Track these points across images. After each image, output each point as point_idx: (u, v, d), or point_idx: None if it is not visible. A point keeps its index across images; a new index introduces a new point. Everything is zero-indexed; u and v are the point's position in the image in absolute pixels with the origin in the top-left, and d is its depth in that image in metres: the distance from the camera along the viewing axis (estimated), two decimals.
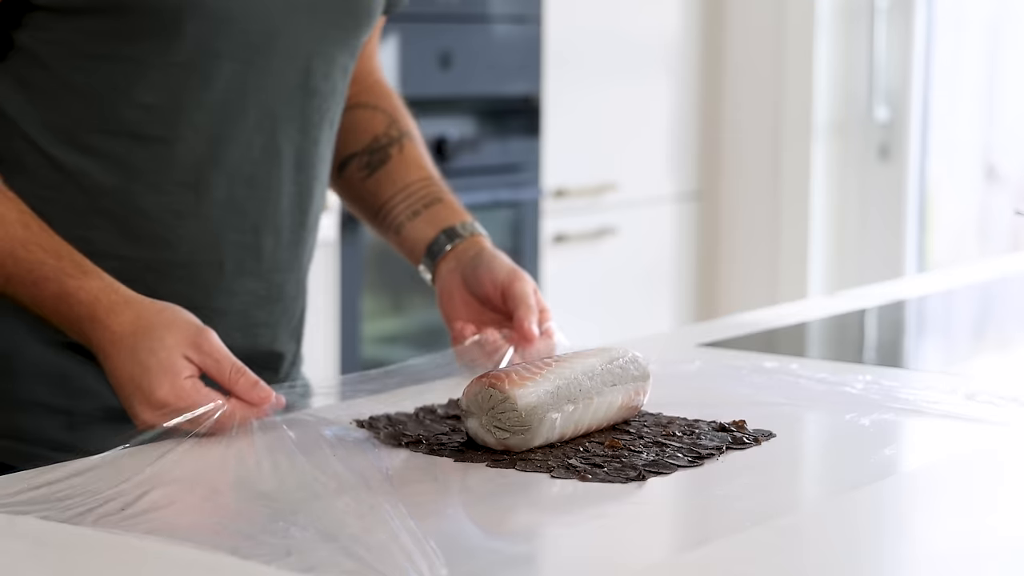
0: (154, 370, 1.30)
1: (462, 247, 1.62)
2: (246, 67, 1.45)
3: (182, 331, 1.32)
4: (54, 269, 1.35)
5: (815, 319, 2.03)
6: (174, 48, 1.41)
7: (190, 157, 1.45)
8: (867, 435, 1.38)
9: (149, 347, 1.31)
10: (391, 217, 1.66)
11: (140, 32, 1.41)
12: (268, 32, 1.46)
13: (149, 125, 1.43)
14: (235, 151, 1.47)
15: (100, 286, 1.35)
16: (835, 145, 4.22)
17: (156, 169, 1.44)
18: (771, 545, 1.08)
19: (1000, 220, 4.26)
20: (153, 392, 1.29)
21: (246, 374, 1.32)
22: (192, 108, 1.44)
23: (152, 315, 1.33)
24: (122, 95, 1.43)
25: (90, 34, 1.41)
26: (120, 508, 1.14)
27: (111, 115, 1.43)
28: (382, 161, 1.67)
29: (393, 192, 1.66)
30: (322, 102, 1.53)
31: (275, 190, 1.51)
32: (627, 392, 1.37)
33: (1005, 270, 2.62)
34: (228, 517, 1.12)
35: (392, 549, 1.04)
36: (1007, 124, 4.25)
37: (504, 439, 1.28)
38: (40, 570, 1.05)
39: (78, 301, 1.34)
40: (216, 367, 1.31)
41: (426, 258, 1.63)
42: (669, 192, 4.09)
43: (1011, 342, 2.04)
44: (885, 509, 1.19)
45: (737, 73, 4.25)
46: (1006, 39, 4.23)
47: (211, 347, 1.31)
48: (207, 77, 1.44)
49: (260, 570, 1.01)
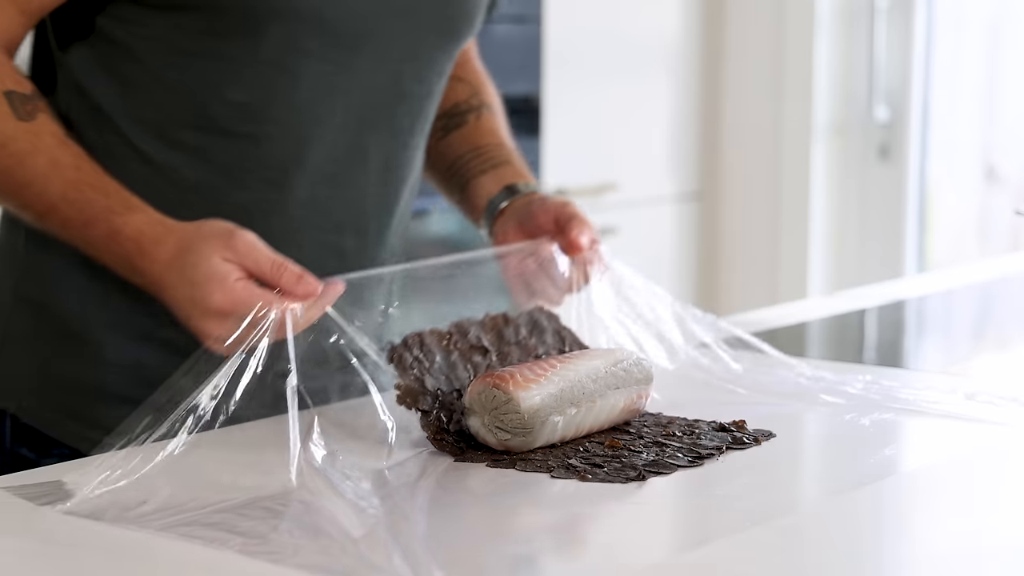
0: (202, 281, 1.28)
1: (520, 201, 1.60)
2: (335, 68, 1.45)
3: (215, 239, 1.30)
4: (103, 208, 1.35)
5: (815, 319, 2.04)
6: (265, 46, 1.42)
7: (276, 155, 1.45)
8: (867, 435, 1.38)
9: (193, 262, 1.29)
10: (460, 174, 1.65)
11: (233, 30, 1.41)
12: (358, 34, 1.45)
13: (238, 122, 1.44)
14: (320, 151, 1.47)
15: (144, 219, 1.34)
16: (835, 145, 4.22)
17: (242, 165, 1.45)
18: (771, 545, 1.08)
19: (1000, 220, 4.25)
20: (207, 302, 1.28)
21: (287, 268, 1.29)
22: (280, 107, 1.44)
23: (190, 234, 1.32)
24: (213, 92, 1.43)
25: (185, 31, 1.41)
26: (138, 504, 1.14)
27: (201, 111, 1.44)
28: (458, 125, 1.67)
29: (464, 151, 1.66)
30: (414, 106, 1.53)
31: (359, 191, 1.51)
32: (630, 395, 1.37)
33: (1005, 270, 2.62)
34: (234, 516, 1.12)
35: (393, 549, 1.04)
36: (1007, 124, 4.25)
37: (505, 440, 1.28)
38: (43, 569, 1.06)
39: (125, 237, 1.34)
40: (255, 265, 1.29)
41: (486, 213, 1.62)
42: (669, 192, 4.09)
43: (1011, 342, 2.04)
44: (885, 509, 1.19)
45: (737, 73, 4.24)
46: (1006, 39, 4.23)
47: (245, 246, 1.30)
48: (295, 76, 1.44)
49: (266, 569, 1.01)
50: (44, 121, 1.38)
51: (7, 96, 1.37)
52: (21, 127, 1.36)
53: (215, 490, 1.18)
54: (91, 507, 1.14)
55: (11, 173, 1.37)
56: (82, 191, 1.36)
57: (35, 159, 1.36)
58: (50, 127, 1.38)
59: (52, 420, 1.47)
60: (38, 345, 1.48)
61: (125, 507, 1.14)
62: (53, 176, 1.36)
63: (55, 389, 1.47)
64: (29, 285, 1.48)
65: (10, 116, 1.37)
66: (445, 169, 1.67)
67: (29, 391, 1.48)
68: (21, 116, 1.37)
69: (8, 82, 1.38)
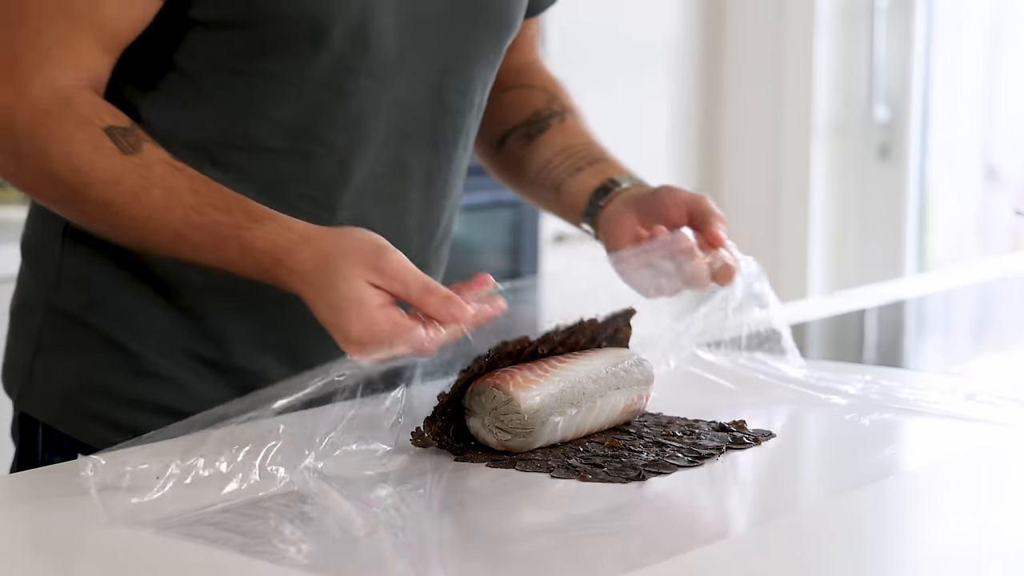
0: (341, 308, 1.23)
1: (631, 191, 1.56)
2: (379, 84, 1.43)
3: (359, 256, 1.25)
4: (230, 226, 1.31)
5: (815, 319, 2.04)
6: (312, 65, 1.39)
7: (320, 173, 1.43)
8: (867, 435, 1.38)
9: (332, 284, 1.24)
10: (552, 176, 1.61)
11: (282, 49, 1.39)
12: (401, 48, 1.43)
13: (282, 140, 1.42)
14: (363, 168, 1.45)
15: (274, 228, 1.30)
16: (835, 145, 4.22)
17: (285, 184, 1.42)
18: (771, 545, 1.08)
19: (1000, 220, 4.26)
20: (346, 331, 1.24)
21: (436, 291, 1.23)
22: (325, 125, 1.42)
23: (329, 246, 1.27)
24: (258, 110, 1.41)
25: (233, 50, 1.39)
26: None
27: (246, 130, 1.41)
28: (541, 131, 1.64)
29: (553, 153, 1.62)
30: (457, 119, 1.50)
31: (402, 207, 1.48)
32: (630, 396, 1.37)
33: (1005, 270, 2.63)
34: (236, 516, 1.12)
35: (395, 549, 1.04)
36: (1007, 124, 4.25)
37: (505, 440, 1.28)
38: (44, 568, 1.06)
39: (259, 251, 1.29)
40: (403, 289, 1.23)
41: (588, 207, 1.57)
42: None
43: (1011, 342, 2.04)
44: (885, 509, 1.19)
45: (737, 73, 4.25)
46: (1006, 39, 4.23)
47: (393, 268, 1.24)
48: (342, 94, 1.41)
49: (268, 569, 1.01)
50: (150, 151, 1.34)
51: (108, 132, 1.33)
52: (129, 162, 1.32)
53: (217, 489, 1.18)
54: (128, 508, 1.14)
55: (129, 210, 1.32)
56: (205, 213, 1.31)
57: (151, 193, 1.32)
58: (157, 155, 1.34)
59: (86, 428, 1.46)
60: (72, 355, 1.46)
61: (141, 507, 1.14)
62: (173, 205, 1.32)
63: (90, 398, 1.45)
64: (63, 296, 1.46)
65: (116, 152, 1.32)
66: (534, 174, 1.63)
67: (62, 400, 1.47)
68: (126, 150, 1.33)
69: (106, 118, 1.34)
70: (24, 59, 1.33)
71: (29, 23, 1.33)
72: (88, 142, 1.32)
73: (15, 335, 1.51)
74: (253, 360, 1.46)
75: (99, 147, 1.32)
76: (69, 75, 1.34)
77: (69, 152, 1.32)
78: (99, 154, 1.32)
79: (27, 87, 1.33)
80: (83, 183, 1.32)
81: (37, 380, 1.48)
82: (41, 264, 1.48)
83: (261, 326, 1.45)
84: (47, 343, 1.47)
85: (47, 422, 1.47)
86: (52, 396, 1.47)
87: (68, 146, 1.32)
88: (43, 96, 1.33)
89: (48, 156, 1.33)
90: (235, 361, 1.46)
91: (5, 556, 1.07)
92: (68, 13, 1.34)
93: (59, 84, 1.34)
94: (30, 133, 1.33)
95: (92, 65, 1.36)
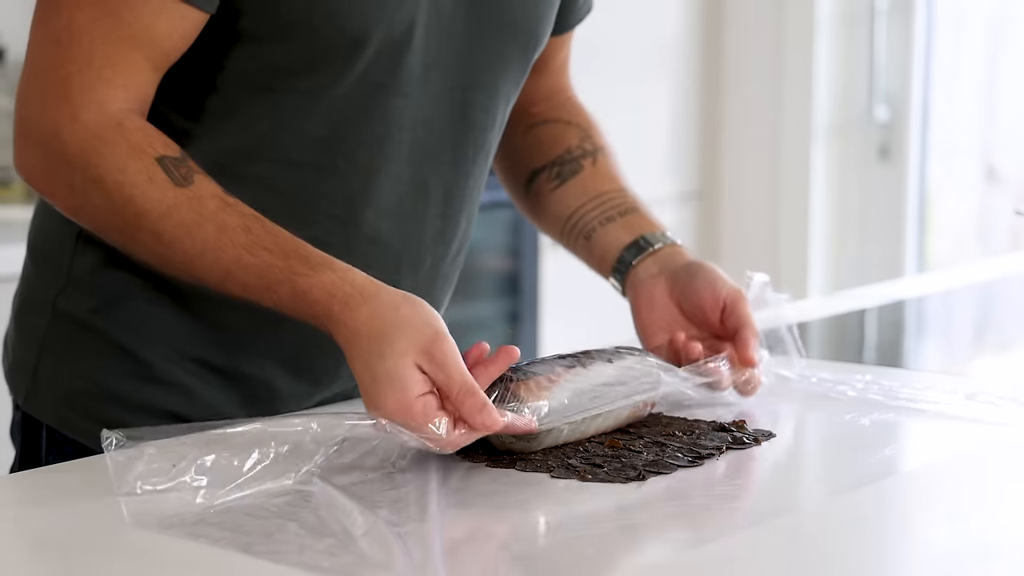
0: (382, 380, 1.22)
1: (664, 252, 1.55)
2: (405, 101, 1.42)
3: (415, 337, 1.23)
4: (283, 271, 1.29)
5: (815, 319, 2.04)
6: (344, 80, 1.38)
7: (342, 189, 1.42)
8: (867, 435, 1.38)
9: (380, 352, 1.23)
10: (582, 224, 1.60)
11: (318, 63, 1.37)
12: (426, 64, 1.42)
13: (307, 155, 1.40)
14: (385, 184, 1.44)
15: (332, 280, 1.28)
16: (835, 146, 4.22)
17: (307, 200, 1.41)
18: (771, 545, 1.08)
19: (1000, 220, 4.26)
20: (380, 403, 1.22)
21: (475, 395, 1.22)
22: (351, 141, 1.41)
23: (387, 312, 1.25)
24: (287, 125, 1.40)
25: (270, 65, 1.38)
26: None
27: (271, 144, 1.40)
28: (574, 172, 1.62)
29: (585, 200, 1.60)
30: (479, 135, 1.49)
31: (420, 223, 1.47)
32: (636, 405, 1.37)
33: (1005, 270, 2.63)
34: (239, 515, 1.12)
35: (396, 549, 1.04)
36: (1007, 124, 4.25)
37: (509, 443, 1.28)
38: (44, 568, 1.06)
39: (314, 300, 1.28)
40: (445, 382, 1.22)
41: (619, 263, 1.56)
42: (669, 192, 4.09)
43: (1011, 342, 2.04)
44: (885, 509, 1.19)
45: (737, 73, 4.25)
46: (1006, 39, 4.23)
47: (444, 358, 1.22)
48: (371, 110, 1.41)
49: (270, 568, 1.02)
50: (202, 183, 1.32)
51: (160, 162, 1.31)
52: (182, 195, 1.31)
53: (219, 489, 1.19)
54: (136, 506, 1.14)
55: (180, 244, 1.31)
56: (258, 255, 1.30)
57: (203, 228, 1.30)
58: (210, 188, 1.32)
59: (92, 432, 1.45)
60: (79, 359, 1.46)
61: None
62: (224, 243, 1.30)
63: (96, 402, 1.44)
64: (71, 300, 1.46)
65: (168, 184, 1.31)
66: (565, 219, 1.61)
67: (67, 403, 1.46)
68: (178, 182, 1.31)
69: (158, 147, 1.32)
70: (75, 81, 1.31)
71: (79, 41, 1.32)
72: (141, 172, 1.31)
73: (20, 336, 1.50)
74: (261, 369, 1.46)
75: (152, 178, 1.31)
76: (120, 96, 1.32)
77: (122, 181, 1.31)
78: (152, 185, 1.31)
79: (80, 111, 1.31)
80: (135, 213, 1.31)
81: (42, 383, 1.48)
82: (50, 266, 1.48)
83: (270, 335, 1.45)
84: (53, 346, 1.47)
85: (52, 425, 1.47)
86: (57, 399, 1.47)
87: (121, 175, 1.31)
88: (95, 121, 1.31)
89: (101, 183, 1.31)
90: (243, 369, 1.46)
91: (9, 556, 1.07)
92: (118, 32, 1.32)
93: (111, 108, 1.32)
94: (83, 160, 1.31)
95: (140, 85, 1.34)
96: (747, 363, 1.47)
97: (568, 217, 1.61)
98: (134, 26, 1.32)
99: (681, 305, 1.52)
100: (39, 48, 1.34)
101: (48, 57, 1.33)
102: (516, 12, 1.47)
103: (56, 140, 1.32)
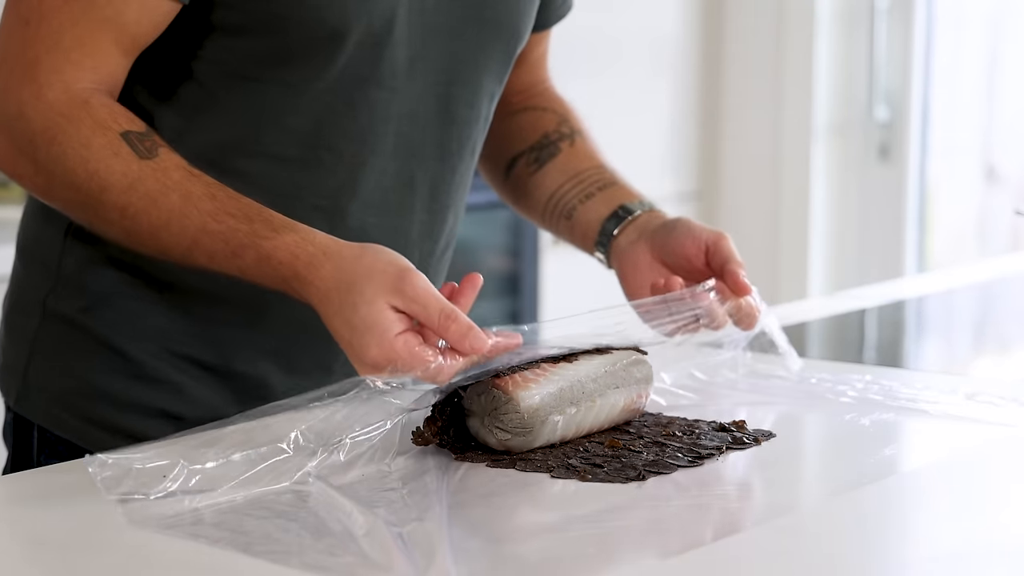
0: (360, 330, 1.22)
1: (643, 219, 1.56)
2: (389, 94, 1.43)
3: (382, 278, 1.23)
4: (248, 234, 1.29)
5: (815, 319, 2.04)
6: (326, 73, 1.39)
7: (328, 183, 1.43)
8: (867, 435, 1.38)
9: (352, 303, 1.23)
10: (562, 204, 1.61)
11: (299, 56, 1.38)
12: (410, 57, 1.43)
13: (292, 149, 1.41)
14: (371, 179, 1.44)
15: (295, 240, 1.28)
16: (835, 145, 4.22)
17: (293, 194, 1.42)
18: (771, 545, 1.08)
19: (1000, 220, 4.26)
20: (364, 354, 1.22)
21: (457, 320, 1.21)
22: (336, 134, 1.41)
23: (350, 264, 1.25)
24: (270, 118, 1.40)
25: (250, 57, 1.38)
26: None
27: (256, 137, 1.41)
28: (552, 155, 1.63)
29: (564, 180, 1.61)
30: (463, 130, 1.49)
31: (407, 218, 1.48)
32: (630, 395, 1.37)
33: (1005, 270, 2.63)
34: (239, 516, 1.12)
35: (396, 549, 1.04)
36: (1007, 124, 4.25)
37: (505, 440, 1.28)
38: (44, 567, 1.06)
39: (278, 262, 1.28)
40: (424, 313, 1.21)
41: (601, 236, 1.57)
42: (669, 192, 4.09)
43: (1011, 342, 2.04)
44: (885, 509, 1.19)
45: (737, 73, 4.25)
46: (1006, 39, 4.23)
47: (415, 291, 1.22)
48: (354, 103, 1.41)
49: (270, 569, 1.02)
50: (166, 156, 1.33)
51: (124, 137, 1.32)
52: (147, 167, 1.31)
53: (220, 489, 1.19)
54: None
55: (146, 215, 1.32)
56: (222, 220, 1.30)
57: (168, 198, 1.31)
58: (174, 160, 1.33)
59: (83, 432, 1.45)
60: (69, 359, 1.46)
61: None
62: (189, 211, 1.31)
63: (87, 401, 1.45)
64: (60, 300, 1.46)
65: (133, 157, 1.32)
66: (545, 200, 1.62)
67: (58, 403, 1.46)
68: (143, 155, 1.32)
69: (123, 122, 1.33)
70: (43, 62, 1.33)
71: (48, 23, 1.33)
72: (106, 147, 1.32)
73: (10, 337, 1.50)
74: (253, 365, 1.46)
75: (116, 152, 1.32)
76: (87, 78, 1.34)
77: (86, 156, 1.32)
78: (116, 159, 1.32)
79: (46, 90, 1.32)
80: (100, 187, 1.32)
81: (33, 383, 1.48)
82: (39, 266, 1.48)
83: (261, 331, 1.45)
84: (43, 346, 1.47)
85: (43, 425, 1.47)
86: (48, 399, 1.47)
87: (85, 150, 1.32)
88: (60, 99, 1.32)
89: (65, 159, 1.32)
90: (234, 366, 1.46)
91: (5, 556, 1.07)
92: (88, 15, 1.33)
93: (77, 87, 1.33)
94: (48, 137, 1.32)
95: (110, 69, 1.35)
96: (740, 291, 1.46)
97: (548, 198, 1.62)
98: (105, 10, 1.33)
99: (665, 262, 1.52)
100: (9, 30, 1.35)
101: (17, 38, 1.34)
102: (498, 8, 1.48)
103: (21, 119, 1.33)
